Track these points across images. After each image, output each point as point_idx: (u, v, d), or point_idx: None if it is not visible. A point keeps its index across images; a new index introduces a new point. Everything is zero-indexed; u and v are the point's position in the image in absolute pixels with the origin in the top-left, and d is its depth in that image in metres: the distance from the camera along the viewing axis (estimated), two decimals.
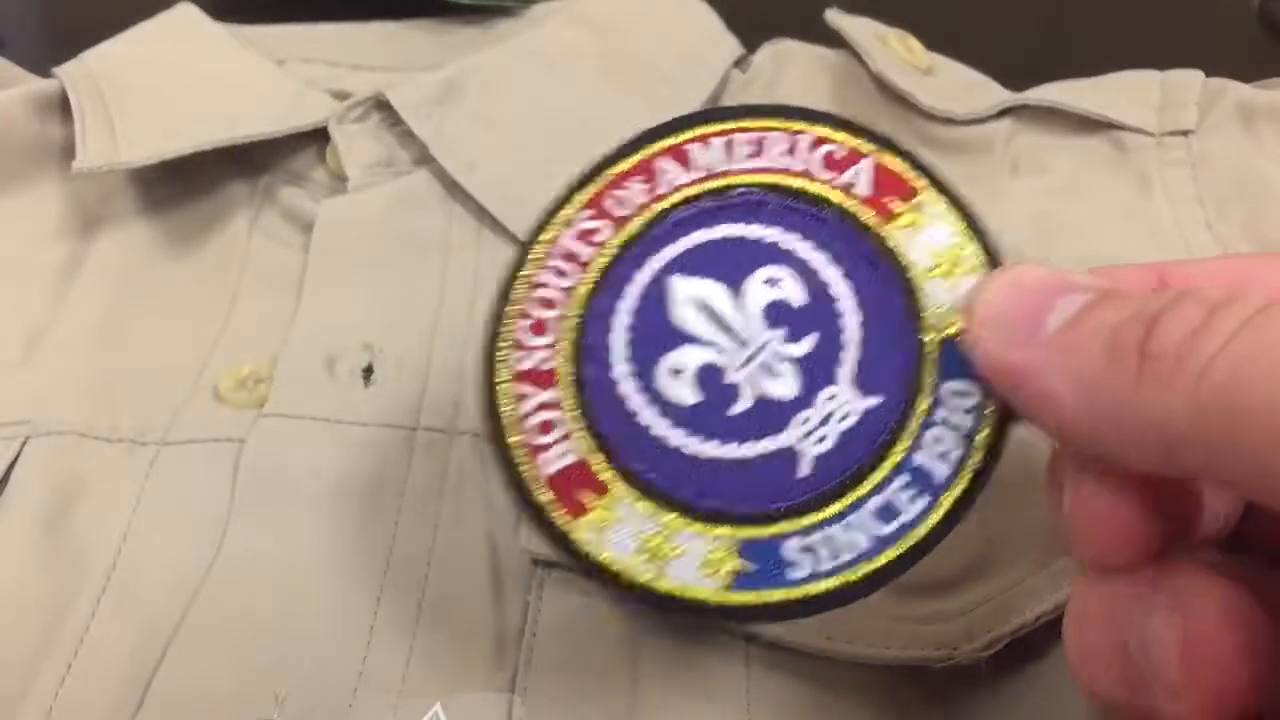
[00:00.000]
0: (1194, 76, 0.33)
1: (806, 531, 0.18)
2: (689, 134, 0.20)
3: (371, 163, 0.33)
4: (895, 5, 0.37)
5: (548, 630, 0.23)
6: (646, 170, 0.20)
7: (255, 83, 0.35)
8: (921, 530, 0.18)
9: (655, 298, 0.19)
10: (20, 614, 0.24)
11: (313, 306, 0.30)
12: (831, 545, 0.18)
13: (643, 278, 0.19)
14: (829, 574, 0.18)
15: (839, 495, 0.18)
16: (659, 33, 0.36)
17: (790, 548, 0.18)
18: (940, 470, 0.18)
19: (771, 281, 0.19)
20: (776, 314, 0.19)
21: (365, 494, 0.26)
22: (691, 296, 0.19)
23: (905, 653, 0.22)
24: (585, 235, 0.20)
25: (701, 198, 0.20)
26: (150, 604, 0.24)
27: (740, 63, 0.38)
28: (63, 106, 0.34)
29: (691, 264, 0.19)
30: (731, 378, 0.19)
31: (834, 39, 0.36)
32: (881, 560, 0.18)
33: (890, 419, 0.18)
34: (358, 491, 0.26)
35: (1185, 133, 0.32)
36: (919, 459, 0.18)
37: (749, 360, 0.19)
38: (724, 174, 0.20)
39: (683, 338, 0.19)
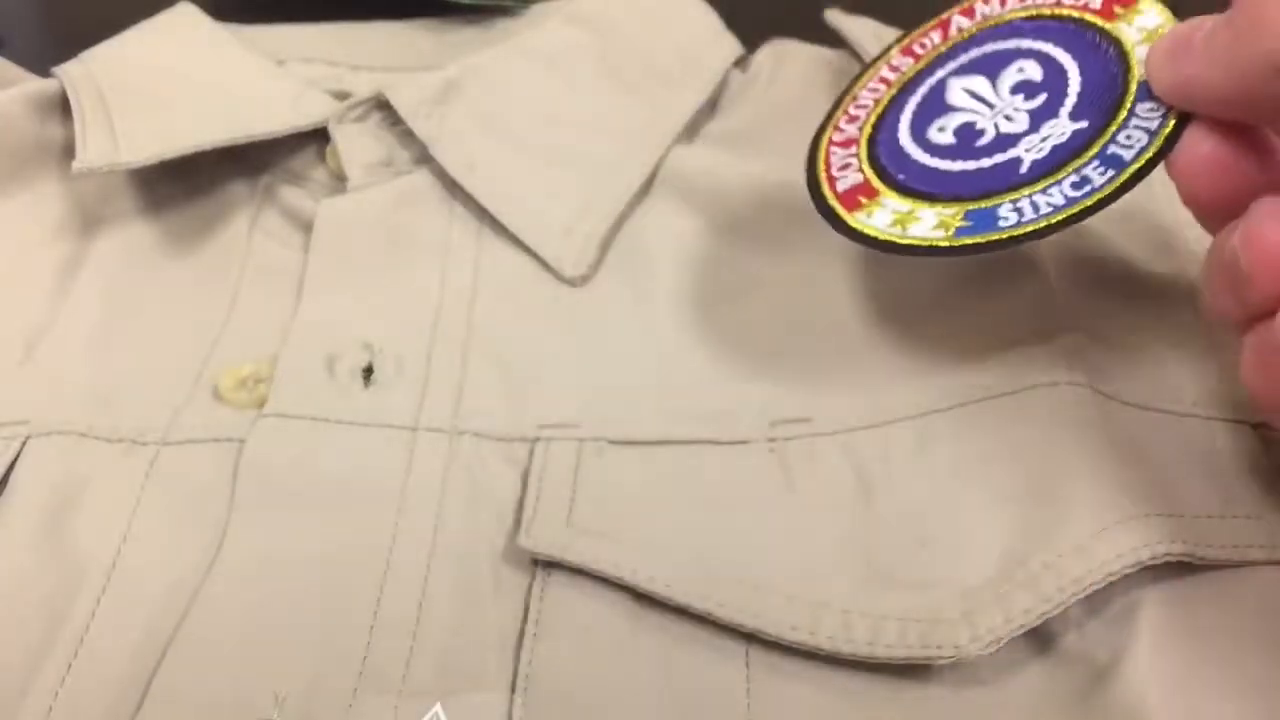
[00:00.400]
0: None
1: (1016, 200, 0.24)
2: None
3: (371, 162, 0.33)
4: (894, 7, 0.37)
5: (548, 630, 0.23)
6: (943, 25, 0.29)
7: (255, 83, 0.35)
8: (1106, 190, 0.23)
9: (937, 92, 0.27)
10: (20, 614, 0.24)
11: (312, 306, 0.30)
12: (1034, 205, 0.24)
13: (930, 82, 0.28)
14: (1030, 222, 0.23)
15: (1045, 178, 0.24)
16: (659, 32, 0.36)
17: (1004, 210, 0.24)
18: (1127, 155, 0.23)
19: (1020, 70, 0.26)
20: (1020, 87, 0.26)
21: (365, 494, 0.26)
22: (963, 87, 0.27)
23: (907, 650, 0.22)
24: (893, 69, 0.29)
25: (979, 33, 0.28)
26: (150, 604, 0.24)
27: (740, 62, 0.38)
28: (63, 106, 0.34)
29: (965, 69, 0.27)
30: (980, 125, 0.26)
31: (834, 39, 0.36)
32: (1073, 210, 0.23)
33: (1094, 132, 0.24)
34: (358, 491, 0.26)
35: None
36: (1112, 149, 0.24)
37: (995, 113, 0.26)
38: (997, 17, 0.28)
39: (950, 109, 0.27)
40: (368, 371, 0.28)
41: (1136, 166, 0.23)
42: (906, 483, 0.25)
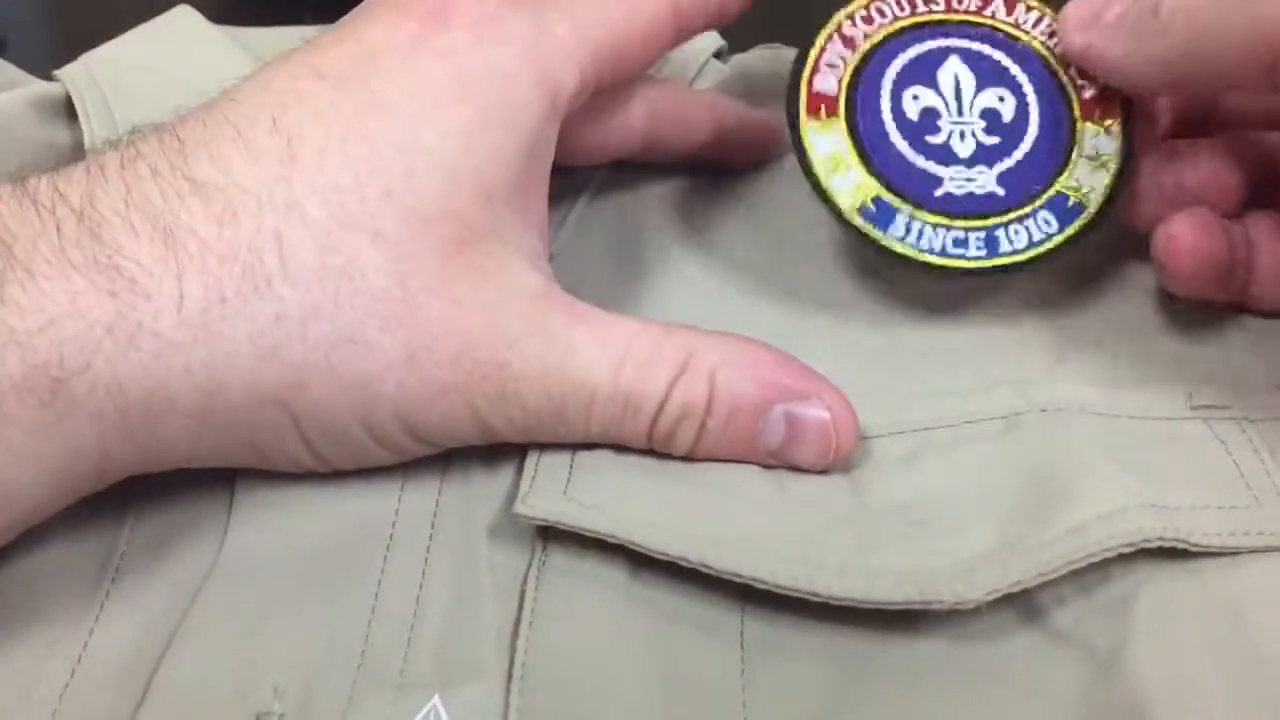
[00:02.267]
0: None
1: (914, 217, 0.28)
2: None
3: None
4: None
5: (543, 618, 0.23)
6: None
7: None
8: (980, 261, 0.27)
9: (938, 56, 0.29)
10: (27, 613, 0.24)
11: None
12: (921, 231, 0.28)
13: (928, 46, 0.29)
14: (909, 245, 0.27)
15: (944, 215, 0.28)
16: None
17: (900, 218, 0.28)
18: (1004, 246, 0.27)
19: (997, 96, 0.29)
20: (988, 114, 0.29)
21: (364, 481, 0.26)
22: (954, 72, 0.29)
23: (904, 596, 0.22)
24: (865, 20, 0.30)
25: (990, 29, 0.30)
26: (153, 601, 0.24)
27: (720, 55, 0.38)
28: (67, 109, 0.34)
29: (969, 58, 0.29)
30: (941, 123, 0.28)
31: None
32: (948, 263, 0.27)
33: (1003, 204, 0.28)
34: (357, 485, 0.26)
35: None
36: (1000, 231, 0.28)
37: (957, 123, 0.28)
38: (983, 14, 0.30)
39: (933, 85, 0.29)
40: None
41: (1023, 258, 0.27)
42: (898, 483, 0.25)
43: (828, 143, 0.28)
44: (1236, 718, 0.21)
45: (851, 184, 0.28)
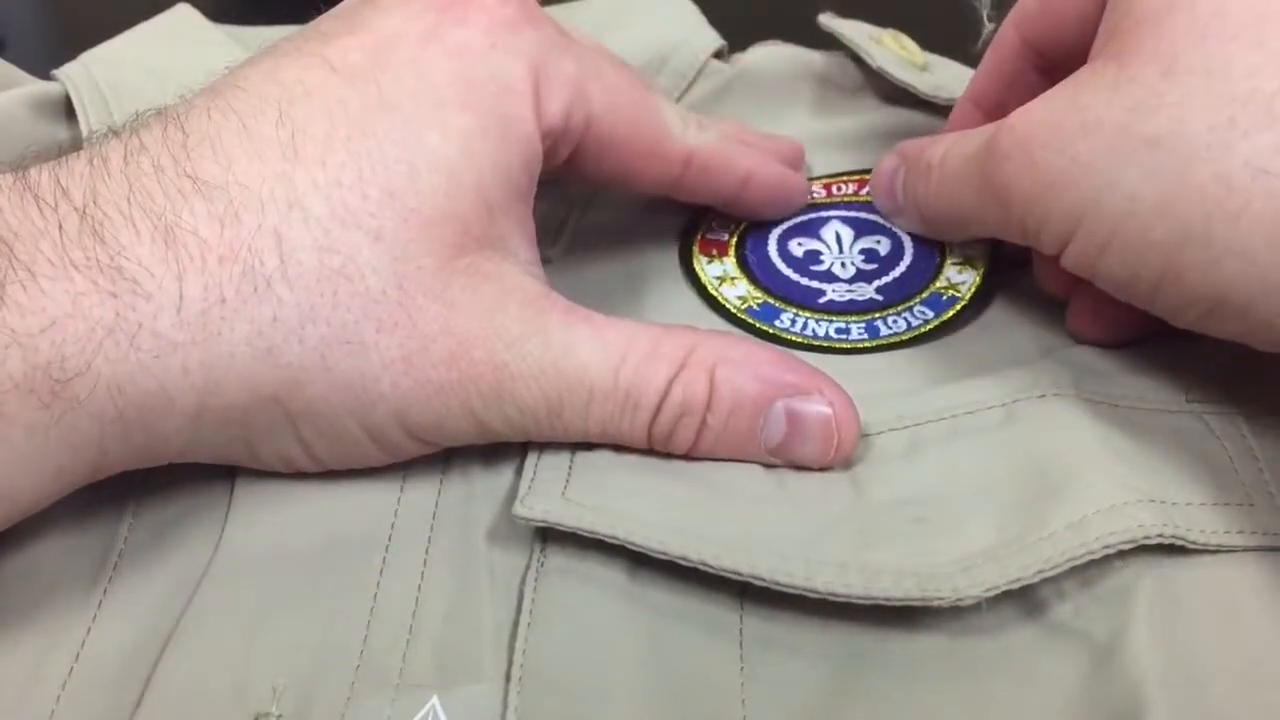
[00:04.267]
0: None
1: (796, 315, 0.31)
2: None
3: None
4: (882, 9, 0.38)
5: (542, 619, 0.23)
6: (860, 181, 0.35)
7: None
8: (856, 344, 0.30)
9: (819, 223, 0.33)
10: (26, 611, 0.24)
11: None
12: (805, 324, 0.31)
13: (811, 215, 0.34)
14: (793, 332, 0.30)
15: (827, 313, 0.31)
16: (638, 25, 0.37)
17: (784, 315, 0.31)
18: (883, 330, 0.30)
19: (875, 240, 0.33)
20: (866, 252, 0.32)
21: (364, 480, 0.26)
22: (836, 230, 0.33)
23: (904, 593, 0.22)
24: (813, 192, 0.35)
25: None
26: (151, 599, 0.24)
27: (721, 55, 0.38)
28: (65, 108, 0.34)
29: (849, 220, 0.33)
30: (823, 256, 0.32)
31: (827, 41, 0.37)
32: (825, 342, 0.30)
33: (879, 306, 0.31)
34: (357, 484, 0.26)
35: None
36: (880, 323, 0.30)
37: (837, 256, 0.32)
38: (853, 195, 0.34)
39: (816, 237, 0.33)
40: None
41: (904, 338, 0.30)
42: (897, 479, 0.25)
43: (718, 268, 0.32)
44: (1233, 707, 0.21)
45: (740, 293, 0.32)
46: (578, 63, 0.27)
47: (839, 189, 0.34)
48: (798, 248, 0.33)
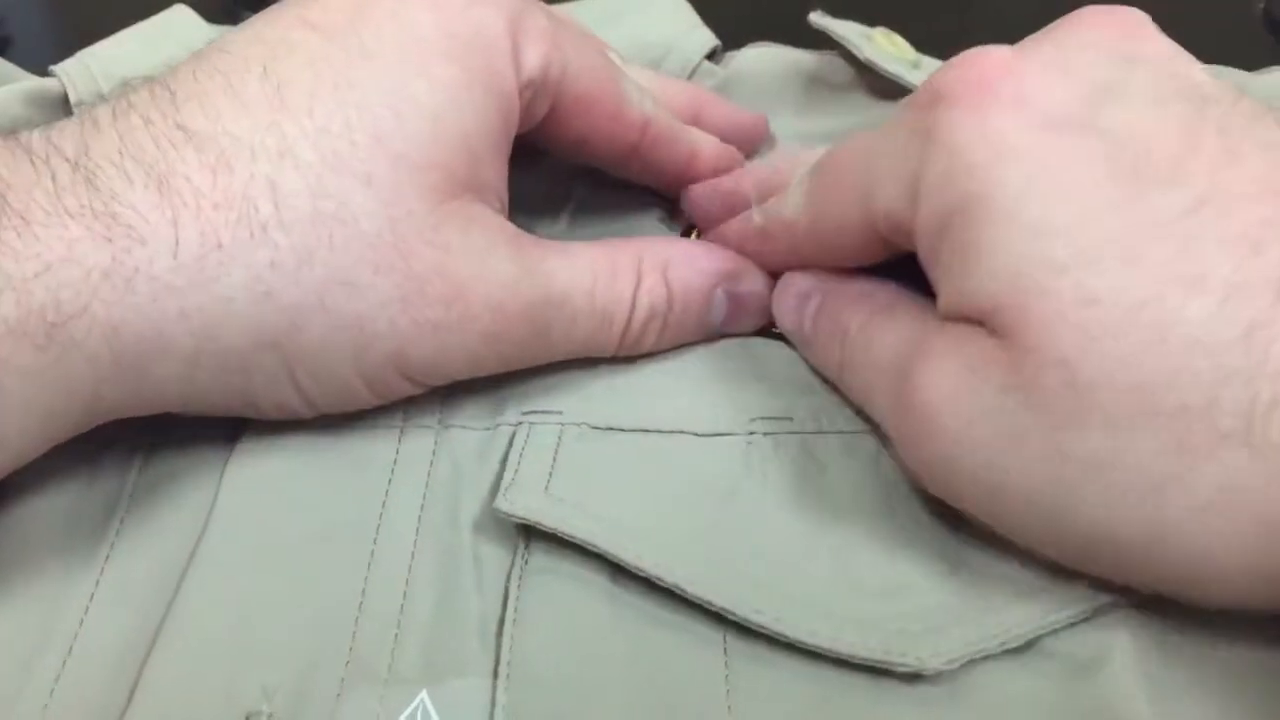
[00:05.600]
0: None
1: None
2: None
3: None
4: (875, 9, 0.38)
5: (527, 616, 0.23)
6: None
7: None
8: None
9: None
10: (17, 609, 0.24)
11: None
12: None
13: None
14: None
15: None
16: (632, 24, 0.37)
17: None
18: None
19: None
20: None
21: (351, 480, 0.26)
22: None
23: (868, 653, 0.22)
24: None
25: None
26: (141, 596, 0.24)
27: (714, 55, 0.38)
28: (64, 105, 0.34)
29: None
30: None
31: (820, 43, 0.37)
32: None
33: None
34: (344, 477, 0.26)
35: None
36: None
37: None
38: None
39: None
40: None
41: None
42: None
43: None
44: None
45: None
46: (550, 18, 0.28)
47: None
48: None
